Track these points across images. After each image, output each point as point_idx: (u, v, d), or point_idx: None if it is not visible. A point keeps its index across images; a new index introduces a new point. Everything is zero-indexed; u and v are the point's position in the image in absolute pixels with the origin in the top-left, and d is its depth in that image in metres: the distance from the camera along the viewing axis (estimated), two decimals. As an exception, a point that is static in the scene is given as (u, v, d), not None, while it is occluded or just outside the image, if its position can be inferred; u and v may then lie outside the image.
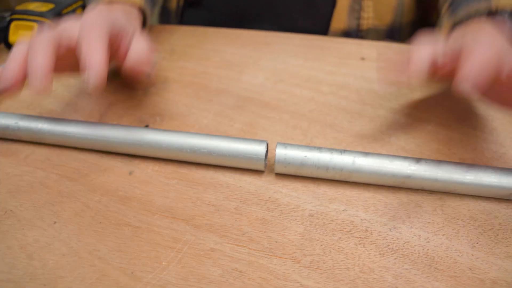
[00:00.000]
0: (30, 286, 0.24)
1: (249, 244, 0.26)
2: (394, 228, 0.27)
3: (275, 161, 0.30)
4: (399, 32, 0.59)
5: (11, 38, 0.47)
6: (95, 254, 0.25)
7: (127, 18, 0.39)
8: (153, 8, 0.49)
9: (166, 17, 0.67)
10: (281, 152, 0.29)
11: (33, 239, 0.26)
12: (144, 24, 0.46)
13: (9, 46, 0.48)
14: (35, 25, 0.47)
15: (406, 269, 0.25)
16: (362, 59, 0.47)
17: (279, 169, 0.30)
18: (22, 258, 0.25)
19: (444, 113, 0.38)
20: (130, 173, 0.32)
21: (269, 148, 0.33)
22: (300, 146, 0.30)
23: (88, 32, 0.30)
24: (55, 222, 0.28)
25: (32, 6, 0.48)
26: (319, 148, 0.30)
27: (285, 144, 0.30)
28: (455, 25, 0.39)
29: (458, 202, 0.29)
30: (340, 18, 0.54)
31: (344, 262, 0.25)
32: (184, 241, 0.26)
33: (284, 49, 0.49)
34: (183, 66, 0.46)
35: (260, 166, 0.30)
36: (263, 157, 0.30)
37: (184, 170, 0.32)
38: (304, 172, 0.30)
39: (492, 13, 0.37)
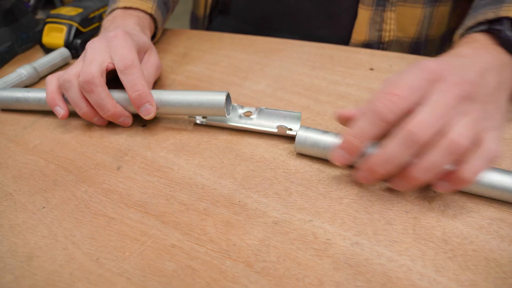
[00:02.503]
0: (10, 262, 0.27)
1: (208, 244, 0.27)
2: (356, 243, 0.27)
3: (295, 141, 0.33)
4: (426, 45, 0.57)
5: (44, 39, 0.52)
6: (70, 239, 0.28)
7: (140, 29, 0.44)
8: (166, 14, 0.53)
9: (195, 24, 0.70)
10: (302, 134, 0.33)
11: (22, 220, 0.29)
12: (156, 28, 0.51)
13: (42, 46, 0.53)
14: (64, 27, 0.51)
15: (358, 286, 0.24)
16: (371, 69, 0.46)
17: (298, 148, 0.33)
18: (9, 236, 0.28)
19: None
20: (118, 168, 0.34)
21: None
22: (318, 130, 0.33)
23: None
24: (43, 207, 0.30)
25: (64, 11, 0.52)
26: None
27: (307, 128, 0.33)
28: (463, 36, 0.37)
29: (433, 223, 0.28)
30: (361, 30, 0.53)
31: (295, 271, 0.25)
32: (149, 235, 0.28)
33: (293, 57, 0.50)
34: (191, 70, 0.48)
35: (221, 112, 0.35)
36: (223, 102, 0.35)
37: (167, 169, 0.33)
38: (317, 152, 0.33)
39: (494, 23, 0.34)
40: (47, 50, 0.53)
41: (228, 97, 0.36)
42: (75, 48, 0.52)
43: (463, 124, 0.27)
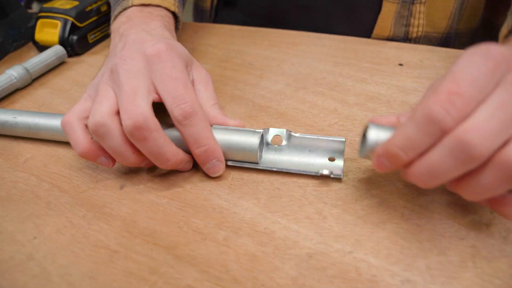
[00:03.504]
0: (-5, 309, 0.22)
1: (231, 284, 0.22)
2: (408, 281, 0.22)
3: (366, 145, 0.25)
4: (455, 40, 0.51)
5: (37, 35, 0.47)
6: (66, 278, 0.24)
7: (169, 34, 0.35)
8: (183, 8, 0.46)
9: (200, 16, 0.65)
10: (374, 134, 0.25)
11: (9, 255, 0.25)
12: (176, 27, 0.42)
13: (35, 43, 0.48)
14: (59, 22, 0.46)
15: (416, 338, 0.20)
16: (400, 65, 0.42)
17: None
18: (-6, 275, 0.24)
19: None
20: (121, 188, 0.29)
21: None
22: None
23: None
24: (35, 238, 0.26)
25: (58, 4, 0.47)
26: None
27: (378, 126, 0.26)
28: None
29: (496, 253, 0.23)
30: (384, 25, 0.47)
31: (339, 320, 0.21)
32: (160, 274, 0.23)
33: (313, 51, 0.45)
34: (200, 68, 0.43)
35: (253, 157, 0.29)
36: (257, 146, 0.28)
37: (178, 188, 0.29)
38: None
39: None
40: (41, 47, 0.48)
41: (261, 137, 0.30)
42: (71, 45, 0.47)
43: None
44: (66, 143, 0.33)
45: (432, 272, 0.23)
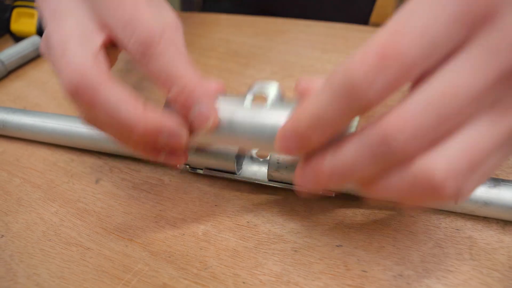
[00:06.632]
0: (-45, 313, 0.21)
1: (210, 282, 0.21)
2: (400, 275, 0.21)
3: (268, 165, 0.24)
4: None
5: (13, 26, 0.45)
6: (34, 279, 0.22)
7: None
8: None
9: (189, 8, 0.63)
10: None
11: (-26, 254, 0.23)
12: None
13: (12, 34, 0.46)
14: (36, 12, 0.44)
15: (409, 337, 0.18)
16: (392, 51, 0.40)
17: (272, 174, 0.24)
18: (-44, 277, 0.22)
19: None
20: (97, 182, 0.28)
21: None
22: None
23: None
24: (2, 236, 0.24)
25: (34, -8, 0.45)
26: None
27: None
28: None
29: (494, 244, 0.22)
30: (384, 12, 0.45)
31: (326, 319, 0.19)
32: (135, 271, 0.22)
33: (300, 39, 0.43)
34: (184, 57, 0.42)
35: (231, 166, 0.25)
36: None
37: (156, 181, 0.27)
38: None
39: None
40: (18, 39, 0.46)
41: None
42: (50, 36, 0.45)
43: (468, 139, 0.14)
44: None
45: (426, 266, 0.21)
